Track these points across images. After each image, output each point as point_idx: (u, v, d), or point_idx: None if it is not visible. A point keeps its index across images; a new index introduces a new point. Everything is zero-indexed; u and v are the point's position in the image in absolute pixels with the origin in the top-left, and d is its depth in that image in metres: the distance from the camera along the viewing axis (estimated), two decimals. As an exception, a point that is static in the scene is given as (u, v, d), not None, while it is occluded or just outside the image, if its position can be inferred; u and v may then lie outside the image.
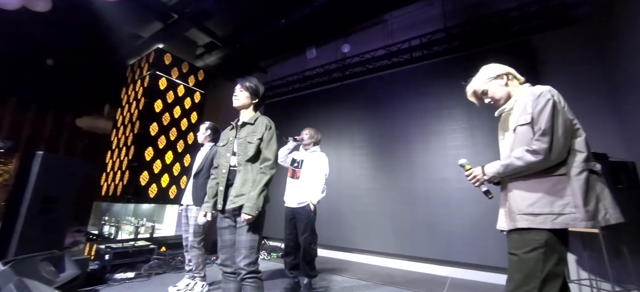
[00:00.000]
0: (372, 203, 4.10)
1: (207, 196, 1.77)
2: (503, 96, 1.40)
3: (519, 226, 1.20)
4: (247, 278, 1.48)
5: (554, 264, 1.11)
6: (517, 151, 1.23)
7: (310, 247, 2.56)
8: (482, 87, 1.44)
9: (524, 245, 1.17)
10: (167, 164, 4.41)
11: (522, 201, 1.22)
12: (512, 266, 1.20)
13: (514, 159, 1.23)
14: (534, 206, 1.17)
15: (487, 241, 3.20)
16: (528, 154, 1.19)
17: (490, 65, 1.45)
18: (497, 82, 1.40)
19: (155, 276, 2.99)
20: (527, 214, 1.18)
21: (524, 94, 1.30)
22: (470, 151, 3.51)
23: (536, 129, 1.20)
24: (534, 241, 1.14)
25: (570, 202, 1.11)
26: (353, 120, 4.58)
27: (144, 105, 4.33)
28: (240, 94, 1.77)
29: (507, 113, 1.39)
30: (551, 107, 1.18)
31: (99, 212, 4.42)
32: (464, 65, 3.75)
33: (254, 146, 1.64)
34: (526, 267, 1.14)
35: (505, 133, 1.41)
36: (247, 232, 1.53)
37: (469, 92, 1.51)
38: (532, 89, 1.30)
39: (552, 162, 1.16)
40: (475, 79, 1.48)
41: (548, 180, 1.17)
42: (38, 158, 2.52)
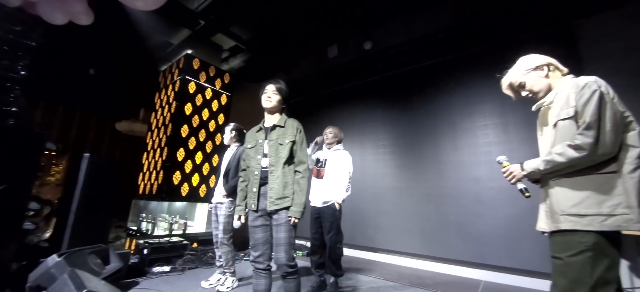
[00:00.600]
0: (398, 202, 4.01)
1: (238, 199, 1.83)
2: (543, 89, 1.30)
3: (562, 227, 1.11)
4: (289, 274, 1.58)
5: (605, 270, 1.02)
6: (558, 147, 1.14)
7: (336, 246, 2.57)
8: (520, 79, 1.35)
9: (568, 248, 1.08)
10: (197, 164, 4.62)
11: (565, 200, 1.13)
12: (556, 271, 1.11)
13: (555, 155, 1.14)
14: (580, 206, 1.08)
15: (524, 243, 3.00)
16: (570, 150, 1.10)
17: (530, 55, 1.35)
18: (536, 73, 1.31)
19: (188, 271, 3.14)
20: (572, 215, 1.09)
21: (567, 86, 1.20)
22: (503, 148, 3.32)
23: (580, 122, 1.10)
24: (580, 244, 1.05)
25: (622, 202, 1.02)
26: (376, 118, 4.50)
27: (176, 109, 4.56)
28: (274, 96, 1.80)
29: (547, 107, 1.29)
30: (597, 98, 1.08)
31: (137, 210, 4.73)
32: (493, 57, 3.55)
33: (286, 148, 1.68)
34: (572, 272, 1.05)
35: (544, 128, 1.32)
36: (286, 231, 1.61)
37: (504, 84, 1.42)
38: (576, 80, 1.20)
39: (599, 158, 1.07)
40: (511, 70, 1.39)
41: (596, 178, 1.08)
42: (85, 160, 2.75)
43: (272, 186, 1.63)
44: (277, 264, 1.62)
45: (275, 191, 1.62)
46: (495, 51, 3.57)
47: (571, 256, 1.06)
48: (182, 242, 3.60)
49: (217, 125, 5.02)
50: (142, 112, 6.66)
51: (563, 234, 1.12)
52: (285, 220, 1.60)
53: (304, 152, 1.73)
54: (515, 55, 1.44)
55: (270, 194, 1.62)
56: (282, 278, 1.59)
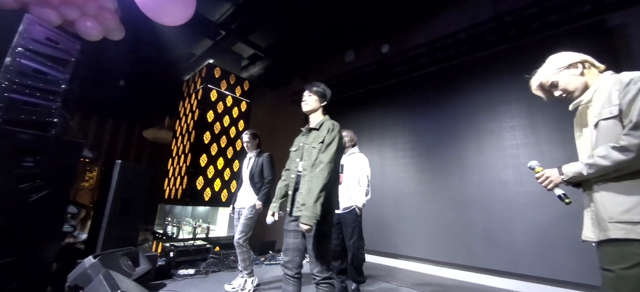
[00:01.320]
0: (420, 208, 3.91)
1: (275, 197, 1.83)
2: (578, 87, 1.22)
3: (612, 236, 1.02)
4: (321, 284, 1.54)
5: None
6: (601, 149, 1.06)
7: (359, 251, 2.55)
8: (551, 78, 1.27)
9: (622, 260, 0.99)
10: (218, 169, 4.75)
11: (613, 206, 1.04)
12: (606, 284, 1.03)
13: (599, 158, 1.05)
14: (632, 213, 0.99)
15: (558, 252, 2.82)
16: (615, 152, 1.02)
17: (561, 53, 1.27)
18: (569, 72, 1.23)
19: (212, 274, 3.22)
20: (623, 222, 1.00)
21: (607, 83, 1.12)
22: (532, 149, 3.15)
23: (626, 122, 1.02)
24: (637, 255, 0.96)
25: None
26: (396, 121, 4.43)
27: (198, 116, 4.74)
28: (309, 98, 1.80)
29: (585, 106, 1.21)
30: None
31: (163, 214, 4.93)
32: (520, 55, 3.40)
33: (317, 151, 1.63)
34: (626, 286, 0.97)
35: (582, 129, 1.22)
36: (316, 243, 1.54)
37: (533, 85, 1.34)
38: (618, 76, 1.11)
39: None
40: (541, 70, 1.31)
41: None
42: (117, 166, 2.91)
43: (301, 191, 1.60)
44: (296, 272, 1.61)
45: (301, 196, 1.58)
46: (521, 49, 3.42)
47: (626, 269, 0.97)
48: (206, 246, 3.70)
49: (237, 132, 5.16)
50: (167, 120, 6.97)
51: (614, 244, 1.03)
52: (314, 232, 1.53)
53: (327, 153, 1.59)
54: (543, 52, 1.37)
55: (298, 198, 1.59)
56: (315, 285, 1.56)
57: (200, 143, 4.60)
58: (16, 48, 2.17)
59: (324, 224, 1.55)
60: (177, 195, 4.61)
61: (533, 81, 1.35)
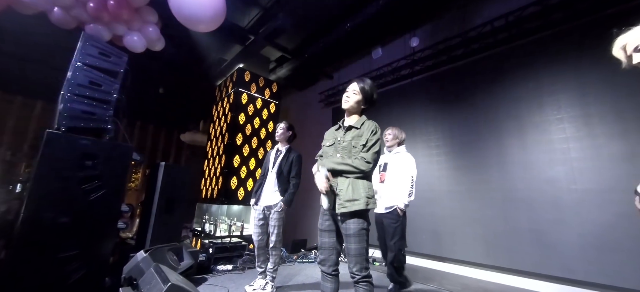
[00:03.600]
0: (457, 207, 3.73)
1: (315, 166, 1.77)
2: None
3: None
4: (361, 282, 1.52)
5: None
6: None
7: (400, 252, 2.49)
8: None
9: None
10: (250, 170, 4.92)
11: None
12: None
13: None
14: None
15: (620, 256, 2.54)
16: None
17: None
18: None
19: (248, 270, 3.35)
20: None
21: None
22: (585, 143, 2.87)
23: None
24: None
25: None
26: (428, 117, 4.27)
27: (231, 119, 4.94)
28: (353, 96, 1.72)
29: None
30: None
31: (201, 212, 5.21)
32: (568, 39, 3.11)
33: (357, 151, 1.63)
34: None
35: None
36: (355, 242, 1.53)
37: (618, 44, 1.18)
38: None
39: None
40: (636, 28, 1.13)
41: None
42: (162, 168, 3.13)
43: (341, 188, 1.59)
44: (333, 269, 1.61)
45: (343, 193, 1.58)
46: (569, 33, 3.12)
47: None
48: (241, 243, 3.85)
49: (267, 133, 5.30)
50: (202, 123, 7.37)
51: None
52: (354, 231, 1.53)
53: (369, 154, 1.59)
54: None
55: (339, 196, 1.58)
56: (354, 284, 1.55)
57: (233, 145, 4.79)
58: (76, 63, 2.42)
59: (361, 221, 1.54)
60: (213, 194, 4.85)
61: (620, 39, 1.18)
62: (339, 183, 1.61)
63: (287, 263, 3.79)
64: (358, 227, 1.54)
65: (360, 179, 1.60)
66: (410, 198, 2.54)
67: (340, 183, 1.61)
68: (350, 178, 1.59)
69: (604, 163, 2.73)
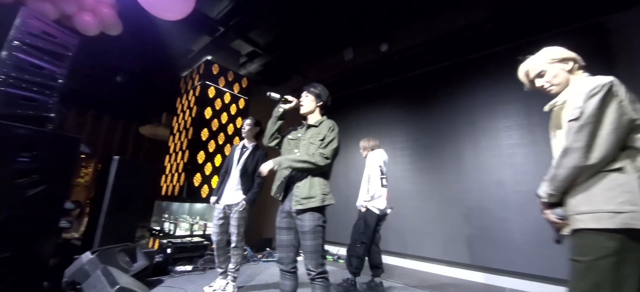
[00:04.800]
0: (417, 206, 3.94)
1: None
2: (562, 83, 1.24)
3: (575, 226, 1.08)
4: (317, 279, 1.54)
5: (627, 274, 0.97)
6: (556, 159, 1.12)
7: (355, 242, 2.70)
8: (542, 67, 1.29)
9: (589, 251, 1.03)
10: (216, 167, 4.73)
11: (576, 200, 1.09)
12: (575, 274, 1.07)
13: (554, 169, 1.12)
14: (591, 204, 1.04)
15: (554, 250, 2.85)
16: (563, 158, 1.07)
17: (556, 47, 1.30)
18: (560, 66, 1.25)
19: (209, 270, 3.22)
20: (581, 213, 1.06)
21: (581, 85, 1.13)
22: (529, 149, 3.19)
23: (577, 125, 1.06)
24: (603, 248, 1.00)
25: (629, 199, 0.98)
26: (394, 120, 4.46)
27: (196, 113, 4.71)
28: (306, 99, 1.86)
29: (560, 107, 1.23)
30: (599, 99, 1.03)
31: (160, 210, 4.90)
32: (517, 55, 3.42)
33: (315, 147, 1.67)
34: (593, 277, 1.01)
35: (556, 131, 1.26)
36: (310, 239, 1.55)
37: (521, 70, 1.38)
38: (590, 78, 1.14)
39: (595, 160, 1.02)
40: (534, 57, 1.33)
41: (603, 175, 1.04)
42: (115, 162, 2.89)
43: (299, 185, 1.62)
44: (291, 267, 1.63)
45: (300, 190, 1.61)
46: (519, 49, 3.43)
47: (593, 261, 1.02)
48: (203, 243, 3.69)
49: (235, 129, 5.14)
50: (165, 116, 6.92)
51: (581, 237, 1.07)
52: (309, 228, 1.55)
53: (327, 149, 1.64)
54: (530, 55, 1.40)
55: (296, 193, 1.61)
56: (310, 281, 1.57)
57: (197, 140, 4.58)
58: (12, 42, 2.14)
59: (317, 218, 1.58)
60: (174, 192, 4.59)
61: (523, 66, 1.37)
62: (296, 180, 1.64)
63: (251, 262, 3.72)
64: (314, 224, 1.56)
65: (317, 176, 1.63)
66: (368, 194, 2.72)
67: (298, 180, 1.63)
68: (307, 176, 1.63)
69: (544, 167, 3.01)
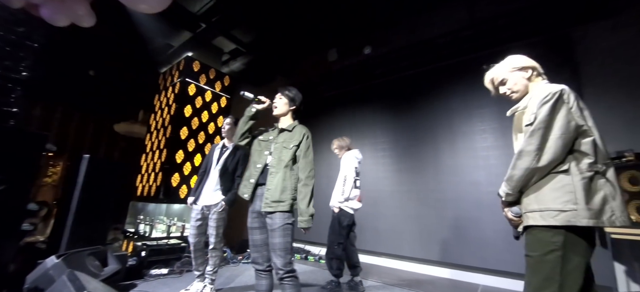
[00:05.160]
0: (397, 206, 4.02)
1: None
2: (521, 90, 1.33)
3: (527, 223, 1.18)
4: (285, 277, 1.55)
5: (574, 267, 1.06)
6: (512, 161, 1.20)
7: (332, 245, 2.70)
8: (503, 75, 1.38)
9: (540, 247, 1.12)
10: (196, 166, 4.60)
11: (528, 200, 1.19)
12: (529, 269, 1.16)
13: (510, 170, 1.20)
14: (540, 202, 1.14)
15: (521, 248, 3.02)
16: (517, 160, 1.16)
17: (517, 55, 1.38)
18: (520, 74, 1.34)
19: (186, 273, 3.13)
20: (532, 211, 1.16)
21: (538, 92, 1.23)
22: (501, 152, 3.35)
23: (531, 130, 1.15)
24: (551, 243, 1.09)
25: (572, 198, 1.07)
26: (376, 121, 4.53)
27: (175, 111, 4.57)
28: (280, 101, 1.85)
29: (521, 112, 1.32)
30: (550, 106, 1.12)
31: (135, 211, 4.70)
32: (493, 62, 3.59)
33: (290, 152, 1.70)
34: (544, 271, 1.09)
35: (518, 134, 1.34)
36: (280, 236, 1.58)
37: (487, 78, 1.46)
38: (546, 86, 1.23)
39: (545, 163, 1.11)
40: (498, 65, 1.42)
41: (551, 176, 1.14)
42: (85, 161, 2.74)
43: (269, 187, 1.64)
44: (274, 268, 1.62)
45: (271, 193, 1.62)
46: (494, 56, 3.60)
47: (543, 255, 1.10)
48: (180, 245, 3.58)
49: (216, 128, 5.02)
50: (141, 113, 6.65)
51: (533, 233, 1.16)
52: (278, 225, 1.58)
53: (309, 159, 1.71)
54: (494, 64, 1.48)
55: (267, 195, 1.62)
56: (279, 281, 1.58)
57: (176, 139, 4.43)
58: (-32, 29, 1.98)
59: (287, 216, 1.61)
60: (150, 192, 4.42)
61: (488, 74, 1.45)
62: (268, 180, 1.65)
63: (231, 264, 3.65)
64: (283, 222, 1.58)
65: (289, 180, 1.65)
66: (342, 196, 2.72)
67: (270, 182, 1.65)
68: (280, 179, 1.64)
69: (513, 169, 3.23)
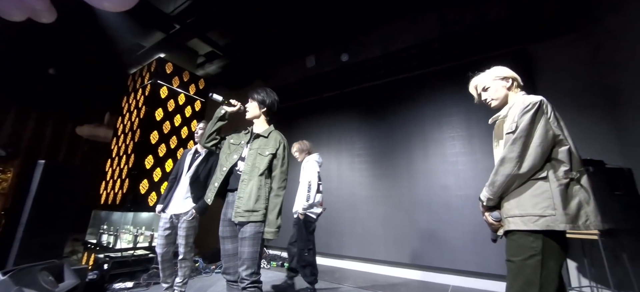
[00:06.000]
0: (373, 210, 4.10)
1: None
2: (500, 98, 1.42)
3: (508, 227, 1.23)
4: (249, 287, 1.49)
5: (551, 270, 1.12)
6: (495, 167, 1.26)
7: (302, 252, 2.68)
8: (486, 83, 1.46)
9: (520, 252, 1.18)
10: (167, 172, 4.40)
11: (509, 205, 1.25)
12: (510, 274, 1.20)
13: (493, 175, 1.26)
14: (521, 208, 1.20)
15: (488, 248, 3.19)
16: (500, 166, 1.22)
17: (502, 66, 1.47)
18: (501, 83, 1.42)
19: (154, 286, 2.96)
20: (513, 216, 1.21)
21: (518, 102, 1.31)
22: (469, 158, 3.54)
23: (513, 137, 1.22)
24: (531, 248, 1.15)
25: (550, 204, 1.14)
26: (353, 127, 4.61)
27: (145, 114, 4.35)
28: (250, 105, 1.81)
29: (501, 120, 1.41)
30: (531, 115, 1.20)
31: (98, 221, 4.38)
32: (461, 73, 3.78)
33: (265, 160, 1.64)
34: (525, 275, 1.14)
35: (499, 141, 1.42)
36: (249, 245, 1.53)
37: (472, 84, 1.54)
38: (525, 97, 1.32)
39: (525, 169, 1.18)
40: (483, 73, 1.50)
41: (531, 183, 1.20)
42: (40, 167, 2.52)
43: (241, 195, 1.57)
44: (237, 277, 1.55)
45: (243, 202, 1.56)
46: (462, 68, 3.81)
47: (523, 260, 1.16)
48: (148, 256, 3.39)
49: (190, 132, 4.85)
50: (108, 116, 6.25)
51: (514, 239, 1.22)
52: (250, 234, 1.53)
53: (283, 169, 1.68)
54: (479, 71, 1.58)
55: (238, 204, 1.56)
56: (242, 290, 1.51)
57: (145, 143, 4.21)
58: None
59: (260, 226, 1.57)
60: (115, 200, 4.15)
61: (472, 81, 1.53)
62: (240, 188, 1.60)
63: (203, 274, 3.51)
64: (254, 231, 1.55)
65: (263, 187, 1.61)
66: (307, 202, 2.72)
67: (242, 189, 1.59)
68: (254, 187, 1.59)
69: (480, 174, 3.42)
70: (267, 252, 4.53)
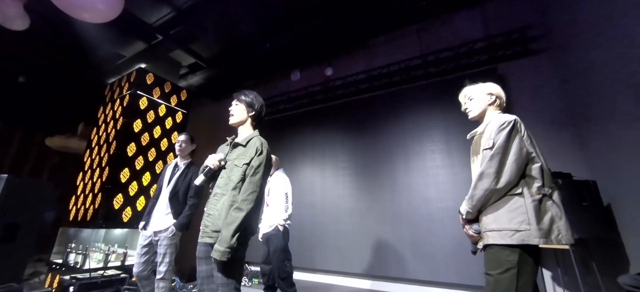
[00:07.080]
0: (356, 224, 4.09)
1: None
2: (479, 111, 1.50)
3: (486, 241, 1.28)
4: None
5: (525, 282, 1.17)
6: (473, 182, 1.32)
7: (283, 263, 2.67)
8: (473, 94, 1.53)
9: (498, 266, 1.21)
10: (144, 186, 4.21)
11: (487, 219, 1.30)
12: (488, 286, 1.24)
13: (472, 190, 1.31)
14: (498, 222, 1.25)
15: (469, 260, 3.25)
16: (479, 181, 1.28)
17: (494, 84, 1.54)
18: (485, 98, 1.49)
19: (125, 308, 2.77)
20: (491, 230, 1.26)
21: (494, 120, 1.38)
22: (448, 170, 3.64)
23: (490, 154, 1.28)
24: (507, 262, 1.19)
25: (525, 219, 1.19)
26: (337, 141, 4.65)
27: (122, 125, 4.19)
28: (236, 108, 1.62)
29: (479, 136, 1.47)
30: (506, 133, 1.27)
31: (65, 239, 4.09)
32: (439, 89, 3.98)
33: (239, 171, 1.45)
34: (502, 287, 1.18)
35: (477, 156, 1.47)
36: (225, 268, 1.34)
37: (463, 92, 1.62)
38: (502, 115, 1.40)
39: (502, 185, 1.23)
40: (476, 85, 1.57)
41: (507, 198, 1.26)
42: (1, 181, 2.34)
43: (211, 212, 1.42)
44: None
45: (212, 221, 1.40)
46: (441, 84, 4.00)
47: (500, 274, 1.20)
48: (119, 276, 3.18)
49: (170, 144, 4.70)
50: (82, 127, 5.96)
51: (491, 253, 1.26)
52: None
53: (255, 179, 1.43)
54: (455, 89, 1.66)
55: (206, 222, 1.41)
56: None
57: (122, 155, 4.04)
58: None
59: (237, 249, 1.36)
60: (86, 216, 3.90)
61: (465, 89, 1.61)
62: (210, 205, 1.48)
63: (180, 294, 3.33)
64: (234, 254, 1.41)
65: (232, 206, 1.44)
66: (287, 212, 2.79)
67: (212, 206, 1.46)
68: (225, 203, 1.42)
69: (459, 186, 3.53)
70: (249, 269, 4.38)
